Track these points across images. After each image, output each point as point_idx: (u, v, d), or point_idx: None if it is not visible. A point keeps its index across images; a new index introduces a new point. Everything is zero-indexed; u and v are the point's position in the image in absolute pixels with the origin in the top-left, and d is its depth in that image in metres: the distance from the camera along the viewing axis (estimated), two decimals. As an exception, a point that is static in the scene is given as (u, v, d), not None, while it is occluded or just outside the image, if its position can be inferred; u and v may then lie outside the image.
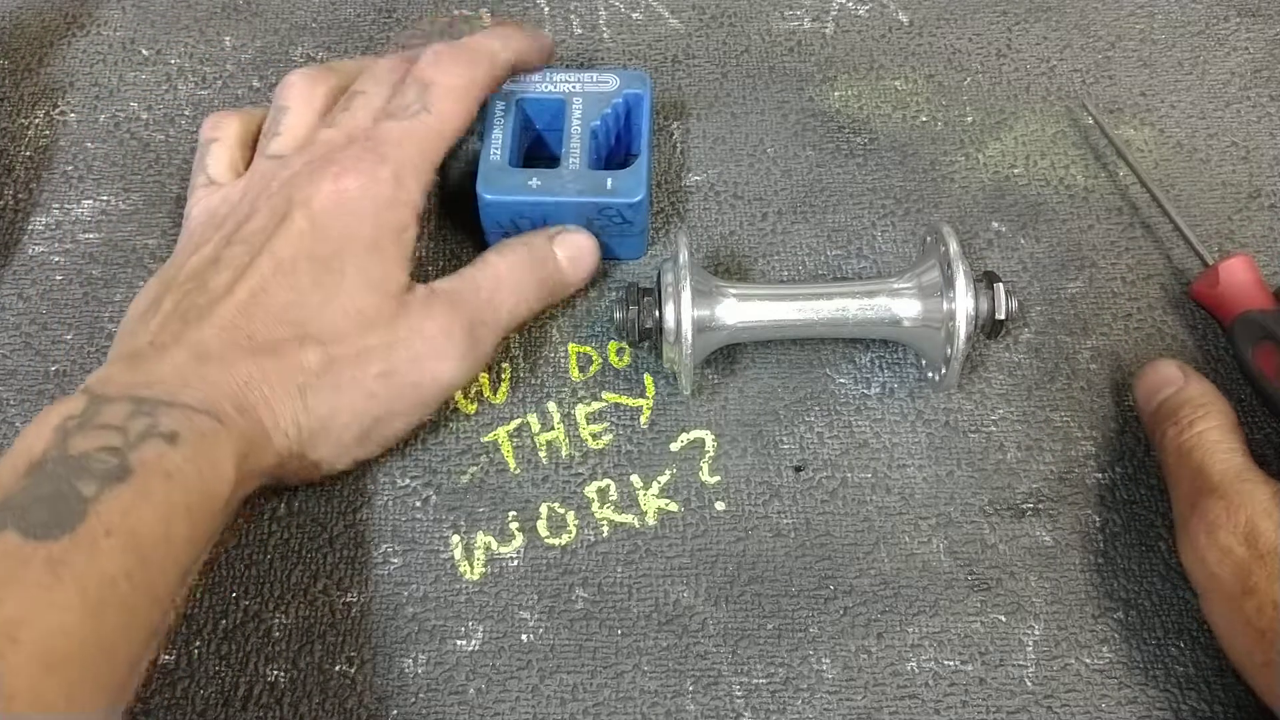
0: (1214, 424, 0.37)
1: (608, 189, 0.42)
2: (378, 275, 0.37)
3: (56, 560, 0.29)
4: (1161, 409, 0.39)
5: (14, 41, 0.53)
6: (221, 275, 0.37)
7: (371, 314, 0.37)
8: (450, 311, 0.38)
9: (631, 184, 0.42)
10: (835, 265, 0.46)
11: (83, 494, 0.30)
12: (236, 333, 0.35)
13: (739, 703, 0.36)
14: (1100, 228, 0.47)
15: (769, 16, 0.54)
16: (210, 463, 0.33)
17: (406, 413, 0.39)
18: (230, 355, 0.35)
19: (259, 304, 0.36)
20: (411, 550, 0.39)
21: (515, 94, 0.44)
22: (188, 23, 0.53)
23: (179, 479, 0.32)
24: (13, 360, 0.43)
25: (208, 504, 0.33)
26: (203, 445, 0.33)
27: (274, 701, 0.36)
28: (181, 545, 0.32)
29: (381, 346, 0.37)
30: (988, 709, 0.36)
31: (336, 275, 0.37)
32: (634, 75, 0.45)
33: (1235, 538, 0.33)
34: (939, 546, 0.39)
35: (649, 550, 0.39)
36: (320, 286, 0.37)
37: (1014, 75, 0.52)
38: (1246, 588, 0.33)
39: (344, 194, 0.37)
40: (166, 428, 0.32)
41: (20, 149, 0.49)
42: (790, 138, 0.50)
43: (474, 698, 0.36)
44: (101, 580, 0.29)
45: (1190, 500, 0.36)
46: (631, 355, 0.44)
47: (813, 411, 0.42)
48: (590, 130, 0.43)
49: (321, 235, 0.37)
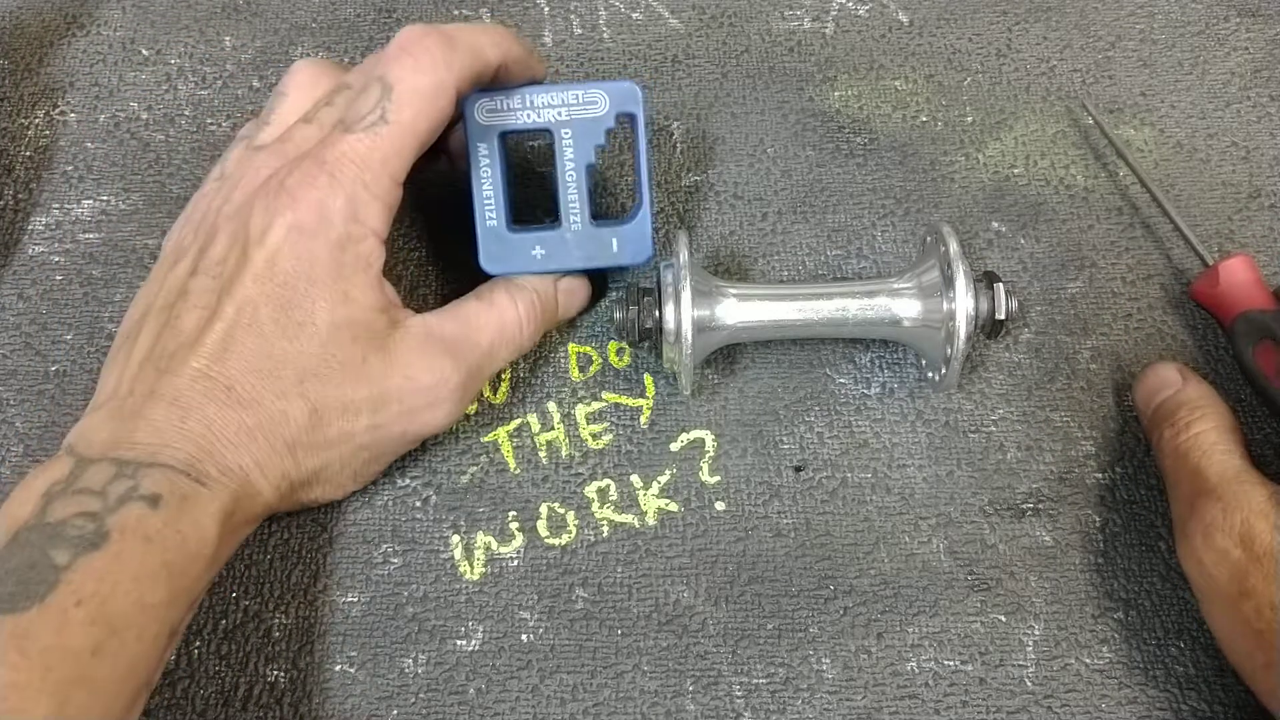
0: (1211, 425, 0.37)
1: (614, 252, 0.40)
2: (348, 316, 0.35)
3: (22, 634, 0.28)
4: (1159, 411, 0.39)
5: (14, 41, 0.53)
6: (191, 314, 0.35)
7: (351, 360, 0.35)
8: (448, 361, 0.37)
9: (637, 242, 0.40)
10: (835, 265, 0.46)
11: (55, 563, 0.29)
12: (213, 384, 0.34)
13: (739, 703, 0.36)
14: (1100, 228, 0.47)
15: (769, 16, 0.54)
16: (192, 523, 0.32)
17: (397, 452, 0.39)
18: (210, 410, 0.33)
19: (231, 352, 0.34)
20: (411, 550, 0.39)
21: (495, 128, 0.39)
22: (188, 23, 0.53)
23: (158, 542, 0.31)
24: (13, 360, 0.43)
25: (189, 566, 0.32)
26: (185, 507, 0.32)
27: (274, 701, 0.36)
28: (160, 609, 0.31)
29: (370, 400, 0.35)
30: (988, 709, 0.36)
31: (303, 320, 0.35)
32: (623, 90, 0.39)
33: (1231, 540, 0.33)
34: (939, 546, 0.39)
35: (649, 550, 0.39)
36: (287, 334, 0.34)
37: (1014, 75, 0.52)
38: (1244, 590, 0.33)
39: (298, 231, 0.34)
40: (148, 490, 0.31)
41: (20, 149, 0.49)
42: (790, 138, 0.50)
43: (474, 698, 0.36)
44: (66, 655, 0.28)
45: (1188, 502, 0.36)
46: (631, 355, 0.43)
47: (813, 411, 0.42)
48: (585, 169, 0.40)
49: (280, 279, 0.34)
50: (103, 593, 0.29)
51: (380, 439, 0.37)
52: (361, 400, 0.35)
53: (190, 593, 0.32)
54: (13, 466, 0.41)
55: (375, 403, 0.36)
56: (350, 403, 0.35)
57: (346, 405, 0.35)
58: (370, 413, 0.36)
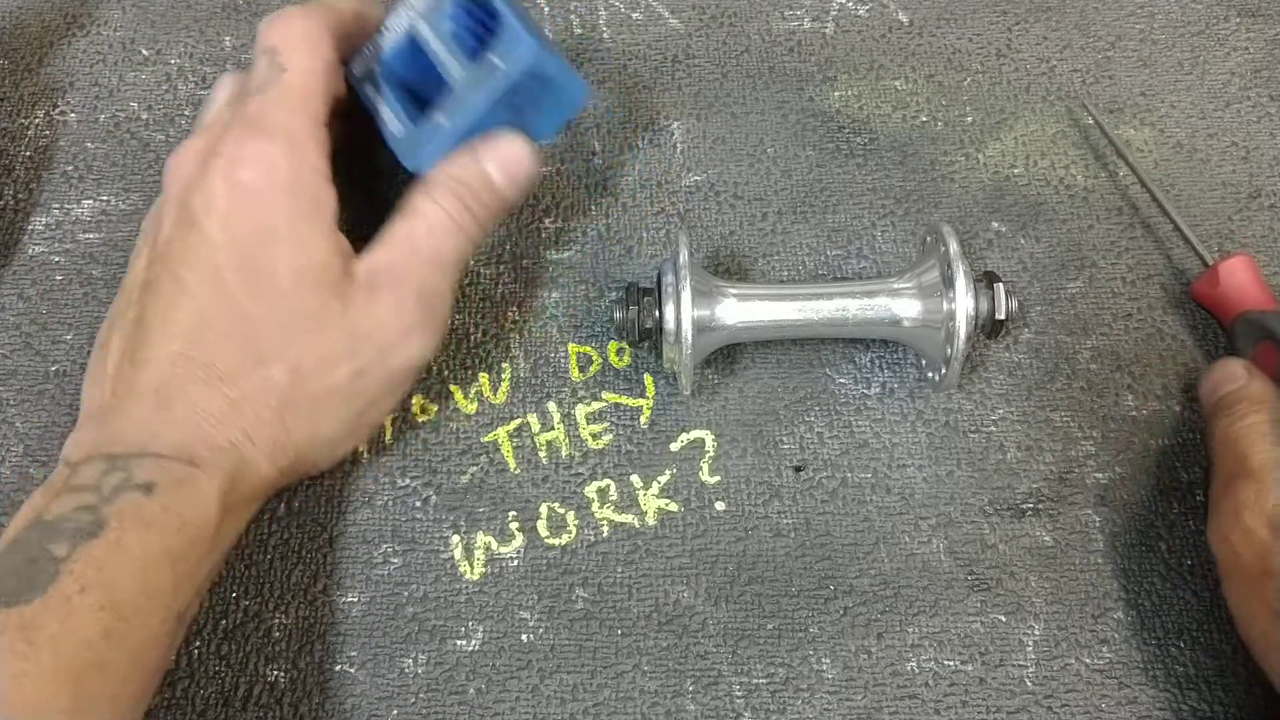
0: (1265, 418, 0.37)
1: (503, 68, 0.37)
2: (308, 263, 0.35)
3: (29, 624, 0.28)
4: (1222, 401, 0.39)
5: (14, 41, 0.53)
6: (158, 302, 0.35)
7: (318, 310, 0.35)
8: (397, 289, 0.36)
9: (511, 42, 0.37)
10: (835, 265, 0.46)
11: (55, 555, 0.29)
12: (192, 364, 0.34)
13: (739, 703, 0.36)
14: (1100, 228, 0.47)
15: (769, 16, 0.54)
16: (190, 505, 0.32)
17: (388, 395, 0.38)
18: (193, 391, 0.34)
19: (205, 327, 0.34)
20: (411, 550, 0.39)
21: (370, 67, 0.40)
22: (188, 23, 0.53)
23: (157, 527, 0.31)
24: (13, 360, 0.43)
25: (191, 549, 0.32)
26: (180, 490, 0.32)
27: (274, 701, 0.36)
28: (167, 592, 0.31)
29: (344, 350, 0.35)
30: (988, 709, 0.36)
31: (269, 277, 0.34)
32: None
33: (1260, 520, 0.34)
34: (939, 546, 0.39)
35: (649, 550, 0.39)
36: (254, 294, 0.34)
37: (1014, 75, 0.52)
38: (1265, 570, 0.33)
39: (243, 189, 0.34)
40: (141, 479, 0.31)
41: (20, 149, 0.49)
42: (790, 138, 0.50)
43: (474, 698, 0.36)
44: (76, 642, 0.28)
45: (1227, 483, 0.36)
46: (631, 355, 0.43)
47: (813, 411, 0.42)
48: (449, 35, 0.39)
49: (237, 240, 0.34)
50: (105, 579, 0.29)
51: (365, 386, 0.36)
52: (338, 351, 0.35)
53: (194, 577, 0.33)
54: (13, 466, 0.41)
55: (350, 350, 0.35)
56: (327, 355, 0.35)
57: (323, 358, 0.35)
58: (348, 360, 0.35)
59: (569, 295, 0.45)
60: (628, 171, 0.48)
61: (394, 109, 0.40)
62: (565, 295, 0.45)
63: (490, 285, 0.45)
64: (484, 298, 0.45)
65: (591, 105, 0.50)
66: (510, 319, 0.44)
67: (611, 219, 0.47)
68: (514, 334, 0.44)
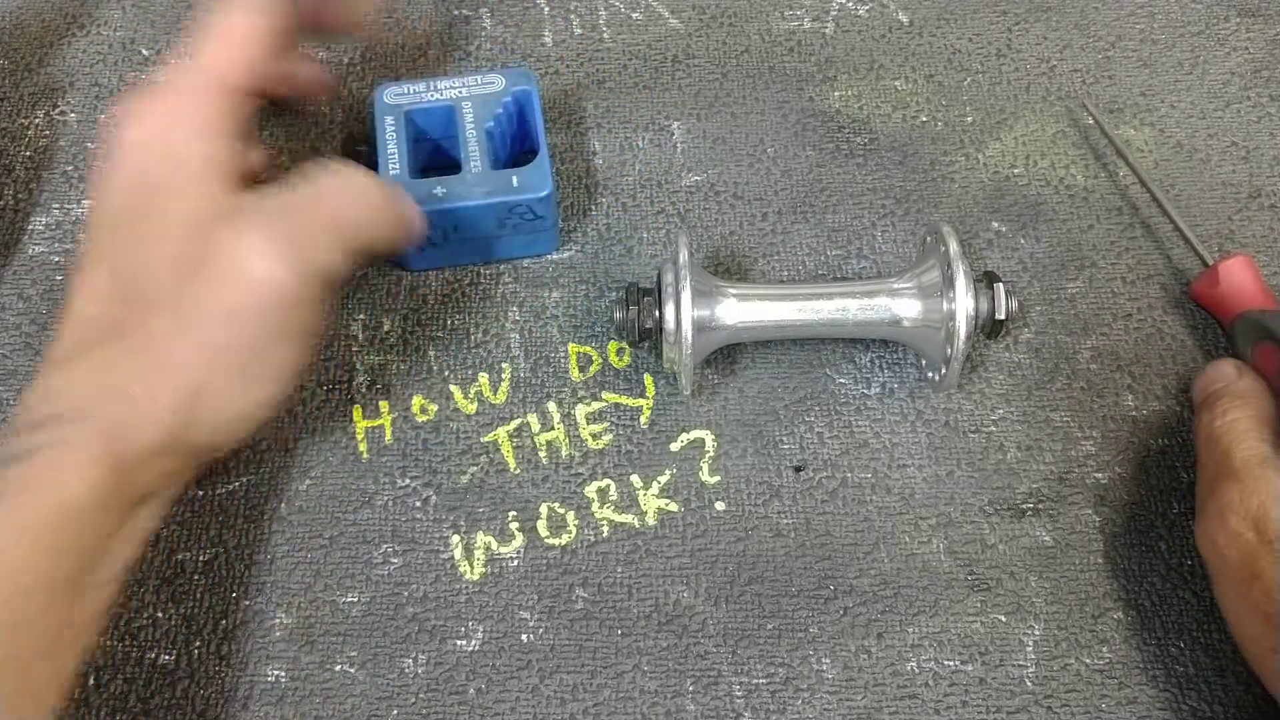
0: (1248, 414, 0.37)
1: (514, 186, 0.42)
2: (197, 211, 0.34)
3: None
4: (1207, 399, 0.39)
5: (14, 41, 0.53)
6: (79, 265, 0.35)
7: (202, 256, 0.34)
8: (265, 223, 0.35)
9: (537, 179, 0.42)
10: (835, 265, 0.46)
11: None
12: (90, 324, 0.34)
13: (739, 703, 0.36)
14: (1100, 228, 0.47)
15: (769, 16, 0.54)
16: (70, 465, 0.31)
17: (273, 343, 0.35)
18: (82, 353, 0.34)
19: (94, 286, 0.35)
20: (411, 550, 0.39)
21: (402, 107, 0.44)
22: (188, 23, 0.53)
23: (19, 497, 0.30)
24: (13, 360, 0.43)
25: (71, 515, 0.31)
26: (49, 455, 0.31)
27: (274, 701, 0.36)
28: (50, 561, 0.30)
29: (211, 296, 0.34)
30: (988, 709, 0.36)
31: (156, 222, 0.35)
32: (518, 73, 0.45)
33: (1245, 522, 0.34)
34: (939, 546, 0.39)
35: (649, 550, 0.39)
36: (147, 241, 0.34)
37: (1014, 75, 0.52)
38: (1254, 573, 0.33)
39: (136, 145, 0.36)
40: (4, 453, 0.31)
41: (20, 149, 0.49)
42: (790, 138, 0.50)
43: (474, 698, 0.36)
44: None
45: (1211, 483, 0.36)
46: (631, 355, 0.44)
47: (813, 411, 0.42)
48: (485, 132, 0.44)
49: (130, 186, 0.35)
50: None
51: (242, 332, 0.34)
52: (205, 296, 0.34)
53: (87, 541, 0.32)
54: (13, 466, 0.41)
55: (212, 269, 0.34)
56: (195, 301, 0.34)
57: (194, 304, 0.34)
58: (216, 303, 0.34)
59: (569, 295, 0.45)
60: (628, 171, 0.48)
61: (400, 153, 0.43)
62: (565, 295, 0.45)
63: (490, 285, 0.45)
64: (484, 298, 0.45)
65: (592, 105, 0.51)
66: (510, 319, 0.44)
67: (611, 219, 0.47)
68: (514, 334, 0.44)
